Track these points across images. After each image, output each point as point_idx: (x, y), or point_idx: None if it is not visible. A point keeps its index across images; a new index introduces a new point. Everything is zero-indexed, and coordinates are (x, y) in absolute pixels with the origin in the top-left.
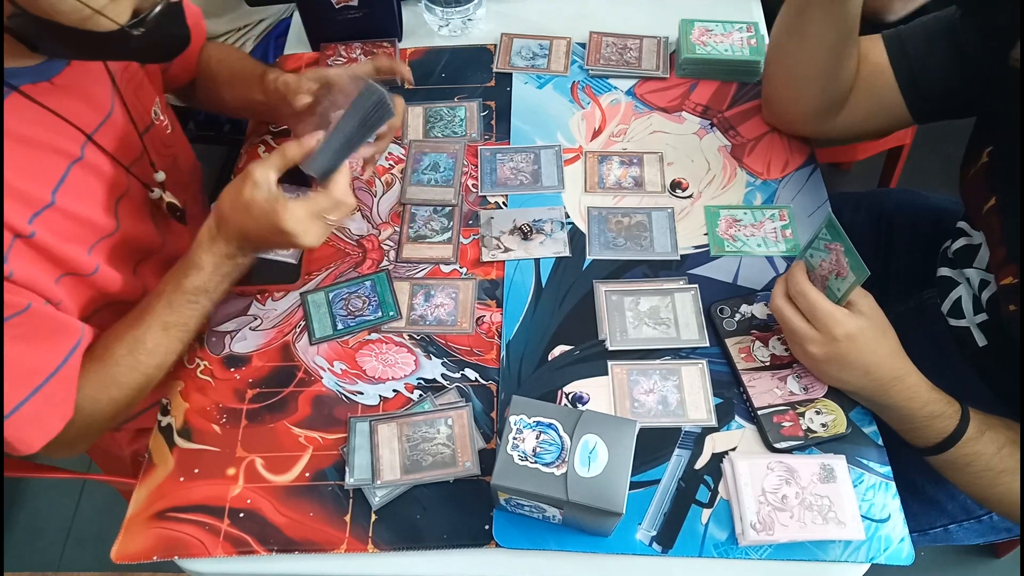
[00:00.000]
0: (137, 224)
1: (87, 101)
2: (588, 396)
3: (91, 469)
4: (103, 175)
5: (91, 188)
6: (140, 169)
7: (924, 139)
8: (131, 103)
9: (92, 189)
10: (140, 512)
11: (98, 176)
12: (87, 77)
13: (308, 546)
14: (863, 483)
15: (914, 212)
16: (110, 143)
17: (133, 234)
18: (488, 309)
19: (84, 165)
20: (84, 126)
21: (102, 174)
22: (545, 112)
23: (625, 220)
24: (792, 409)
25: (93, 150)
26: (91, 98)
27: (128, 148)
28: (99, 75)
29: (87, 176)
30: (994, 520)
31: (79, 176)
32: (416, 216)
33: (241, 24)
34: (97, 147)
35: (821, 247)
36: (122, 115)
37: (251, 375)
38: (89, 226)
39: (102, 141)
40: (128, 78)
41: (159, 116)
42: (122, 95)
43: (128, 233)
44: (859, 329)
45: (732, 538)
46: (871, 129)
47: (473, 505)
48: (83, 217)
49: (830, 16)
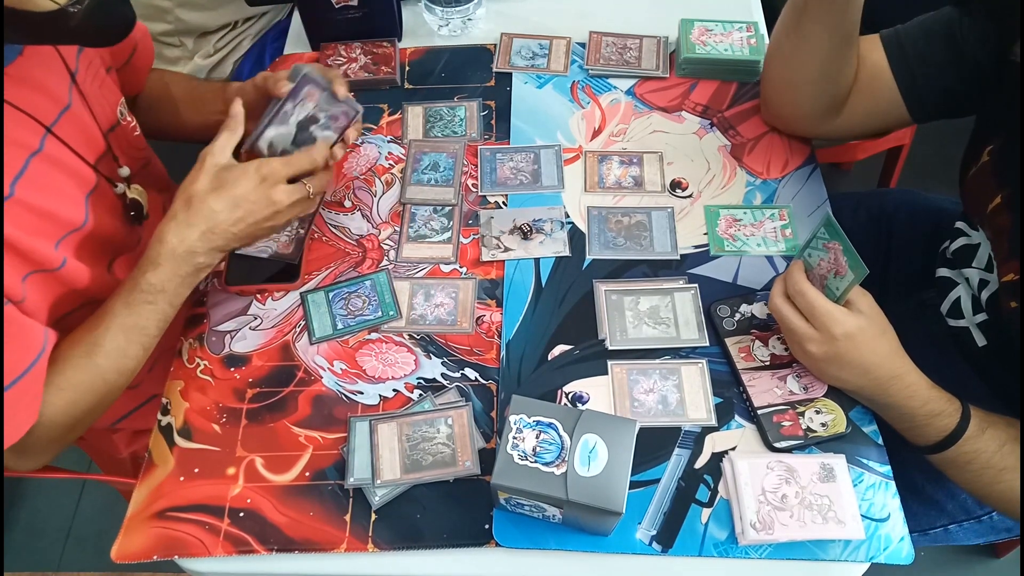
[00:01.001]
0: (109, 220)
1: (43, 93)
2: (588, 396)
3: (91, 469)
4: (67, 168)
5: (54, 181)
6: (106, 166)
7: (924, 139)
8: (93, 99)
9: (55, 182)
10: (140, 512)
11: (61, 169)
12: (41, 68)
13: (308, 546)
14: (863, 482)
15: (914, 212)
16: (71, 137)
17: (105, 230)
18: (488, 309)
19: (44, 157)
20: (42, 118)
21: (65, 167)
22: (545, 112)
23: (625, 220)
24: (792, 408)
25: (54, 143)
26: (47, 90)
27: (91, 144)
28: (55, 67)
29: (49, 169)
30: (994, 520)
31: (41, 169)
32: (416, 216)
33: (234, 19)
34: (58, 140)
35: (819, 246)
36: (83, 110)
37: (251, 375)
38: (53, 219)
39: (63, 134)
40: (91, 76)
41: (125, 116)
42: (82, 91)
43: (99, 228)
44: (858, 328)
45: (732, 537)
46: (870, 129)
47: (473, 505)
48: (46, 210)
49: (831, 16)
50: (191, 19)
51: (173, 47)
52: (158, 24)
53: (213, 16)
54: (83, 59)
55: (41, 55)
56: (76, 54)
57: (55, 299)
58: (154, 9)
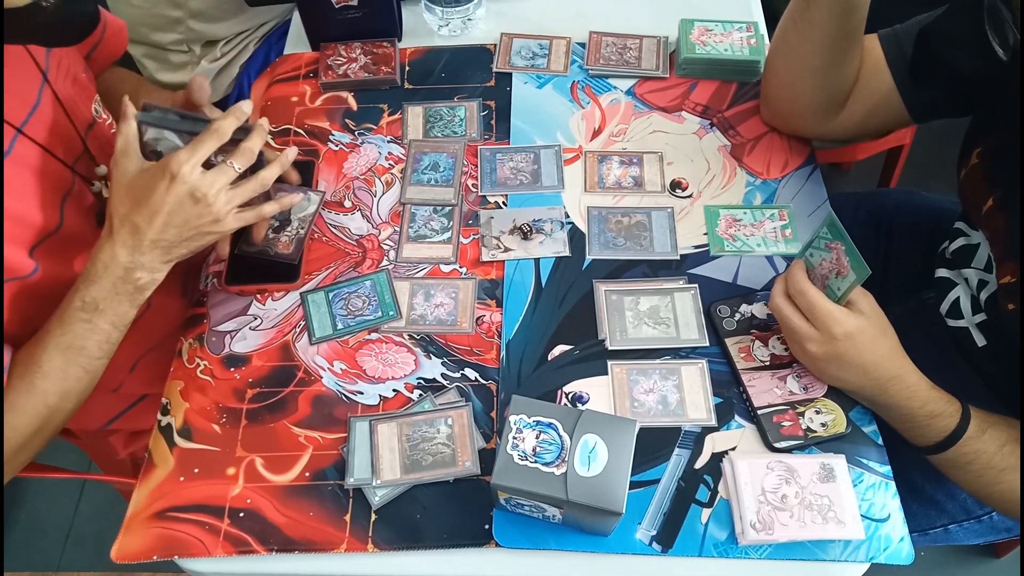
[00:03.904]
0: (86, 223)
1: (9, 92)
2: (588, 396)
3: (91, 469)
4: (38, 170)
5: (26, 183)
6: (83, 167)
7: (924, 139)
8: (66, 98)
9: (27, 184)
10: (140, 512)
11: (32, 171)
12: (8, 67)
13: (308, 546)
14: (863, 483)
15: (914, 212)
16: (44, 137)
17: (82, 233)
18: (488, 309)
19: (13, 160)
20: (10, 118)
21: (37, 169)
22: (545, 112)
23: (625, 220)
24: (792, 409)
25: (25, 143)
26: (14, 90)
27: (67, 144)
28: (24, 66)
29: (21, 172)
30: (994, 520)
31: (10, 171)
32: (416, 216)
33: (244, 28)
34: (30, 140)
35: (822, 246)
36: (55, 110)
37: (251, 375)
38: (25, 224)
39: (34, 135)
40: (62, 74)
41: (101, 114)
42: (55, 89)
43: (76, 232)
44: (858, 328)
45: (732, 538)
46: (869, 129)
47: (473, 505)
48: (18, 215)
49: (839, 6)
50: (202, 29)
51: (181, 53)
52: (169, 34)
53: (224, 26)
54: (53, 57)
55: (9, 54)
56: (46, 53)
57: (27, 308)
58: (166, 20)
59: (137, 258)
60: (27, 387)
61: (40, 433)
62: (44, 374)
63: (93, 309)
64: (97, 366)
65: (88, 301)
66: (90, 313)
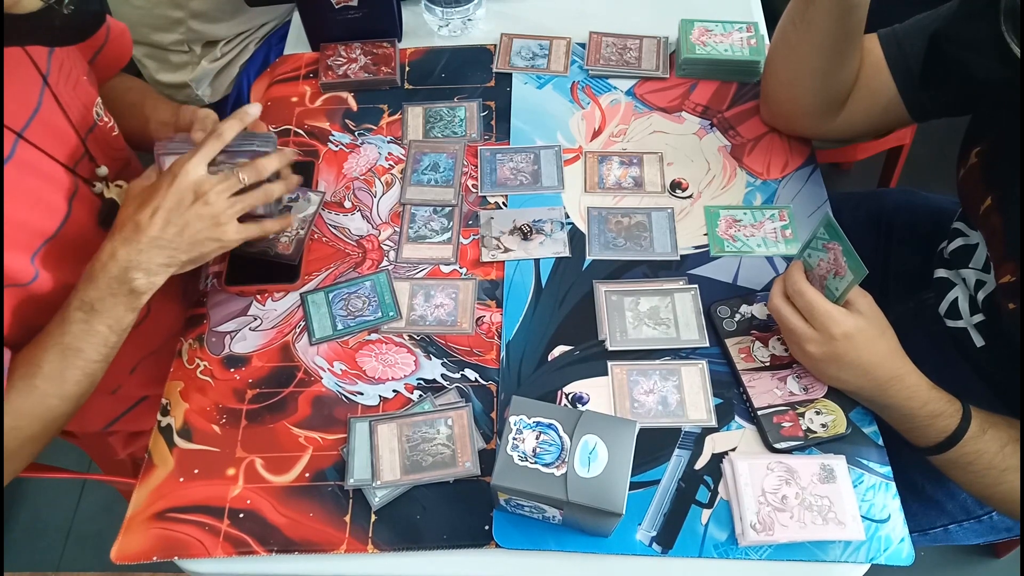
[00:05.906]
0: (89, 226)
1: (9, 96)
2: (588, 396)
3: (91, 469)
4: (40, 174)
5: (28, 188)
6: (84, 169)
7: (924, 139)
8: (67, 102)
9: (29, 189)
10: (140, 512)
11: (34, 176)
12: (8, 72)
13: (308, 546)
14: (863, 483)
15: (914, 212)
16: (44, 141)
17: (84, 237)
18: (488, 309)
19: (15, 164)
20: (11, 123)
21: (39, 173)
22: (545, 112)
23: (625, 220)
24: (792, 409)
25: (26, 148)
26: (15, 94)
27: (68, 148)
28: (24, 70)
29: (22, 176)
30: (994, 520)
31: (12, 176)
32: (416, 216)
33: (244, 28)
34: (31, 145)
35: (819, 246)
36: (57, 113)
37: (251, 375)
38: (27, 229)
39: (36, 139)
40: (63, 78)
41: (102, 117)
42: (55, 93)
43: (77, 236)
44: (857, 328)
45: (732, 538)
46: (870, 128)
47: (473, 505)
48: (19, 220)
49: (838, 6)
50: (203, 30)
51: (182, 53)
52: (170, 35)
53: (224, 27)
54: (55, 61)
55: (9, 58)
56: (47, 56)
57: (28, 314)
58: (167, 20)
59: (135, 256)
60: (27, 388)
61: (40, 434)
62: (44, 375)
63: (89, 309)
64: (95, 369)
65: (86, 301)
66: (87, 313)
